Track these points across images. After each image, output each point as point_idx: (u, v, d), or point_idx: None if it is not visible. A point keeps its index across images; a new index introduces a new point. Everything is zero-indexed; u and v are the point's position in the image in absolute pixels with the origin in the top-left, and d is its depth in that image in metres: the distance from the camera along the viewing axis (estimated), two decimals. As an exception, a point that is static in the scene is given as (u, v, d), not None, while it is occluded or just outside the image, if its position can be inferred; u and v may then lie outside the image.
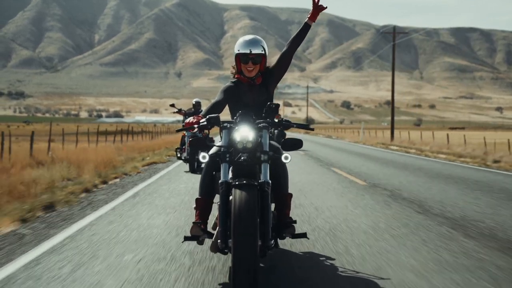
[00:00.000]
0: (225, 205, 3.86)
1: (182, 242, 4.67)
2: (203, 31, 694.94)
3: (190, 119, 4.16)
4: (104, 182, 10.49)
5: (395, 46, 40.83)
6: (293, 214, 5.68)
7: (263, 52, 4.36)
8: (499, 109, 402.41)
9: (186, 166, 14.21)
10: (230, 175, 3.96)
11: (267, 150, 4.04)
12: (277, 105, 4.20)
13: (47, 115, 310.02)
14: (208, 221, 4.39)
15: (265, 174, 3.95)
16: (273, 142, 4.45)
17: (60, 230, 5.87)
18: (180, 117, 14.15)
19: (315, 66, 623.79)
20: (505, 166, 16.91)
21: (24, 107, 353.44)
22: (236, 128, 4.05)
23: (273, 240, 4.14)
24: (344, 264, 4.56)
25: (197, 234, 4.23)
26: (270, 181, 3.97)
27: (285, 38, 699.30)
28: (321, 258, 4.83)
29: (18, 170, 10.17)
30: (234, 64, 4.49)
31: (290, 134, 52.76)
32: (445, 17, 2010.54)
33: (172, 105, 13.98)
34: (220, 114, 4.25)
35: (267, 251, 4.08)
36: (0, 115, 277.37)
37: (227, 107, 4.55)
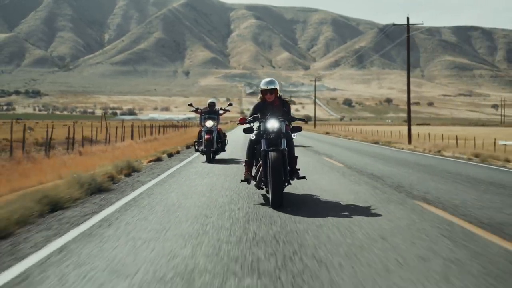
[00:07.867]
0: (264, 162, 7.53)
1: (240, 182, 8.57)
2: (210, 30, 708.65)
3: (241, 117, 8.35)
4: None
5: (395, 44, 60.76)
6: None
7: (276, 87, 8.14)
8: (495, 106, 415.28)
9: (203, 157, 15.58)
10: (266, 146, 7.55)
11: (284, 132, 7.75)
12: (290, 118, 8.25)
13: (65, 112, 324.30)
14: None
15: (283, 145, 7.61)
16: (287, 129, 8.12)
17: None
18: (192, 115, 18.07)
19: (319, 65, 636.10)
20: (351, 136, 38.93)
21: (43, 105, 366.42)
22: (268, 121, 7.82)
23: (288, 180, 7.88)
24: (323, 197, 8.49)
25: (247, 178, 8.22)
26: (286, 148, 7.64)
27: (289, 37, 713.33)
28: (311, 195, 8.75)
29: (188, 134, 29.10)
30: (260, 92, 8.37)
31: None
32: (448, 16, 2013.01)
33: (190, 105, 15.38)
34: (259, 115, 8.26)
35: (286, 184, 7.79)
36: (22, 113, 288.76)
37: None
